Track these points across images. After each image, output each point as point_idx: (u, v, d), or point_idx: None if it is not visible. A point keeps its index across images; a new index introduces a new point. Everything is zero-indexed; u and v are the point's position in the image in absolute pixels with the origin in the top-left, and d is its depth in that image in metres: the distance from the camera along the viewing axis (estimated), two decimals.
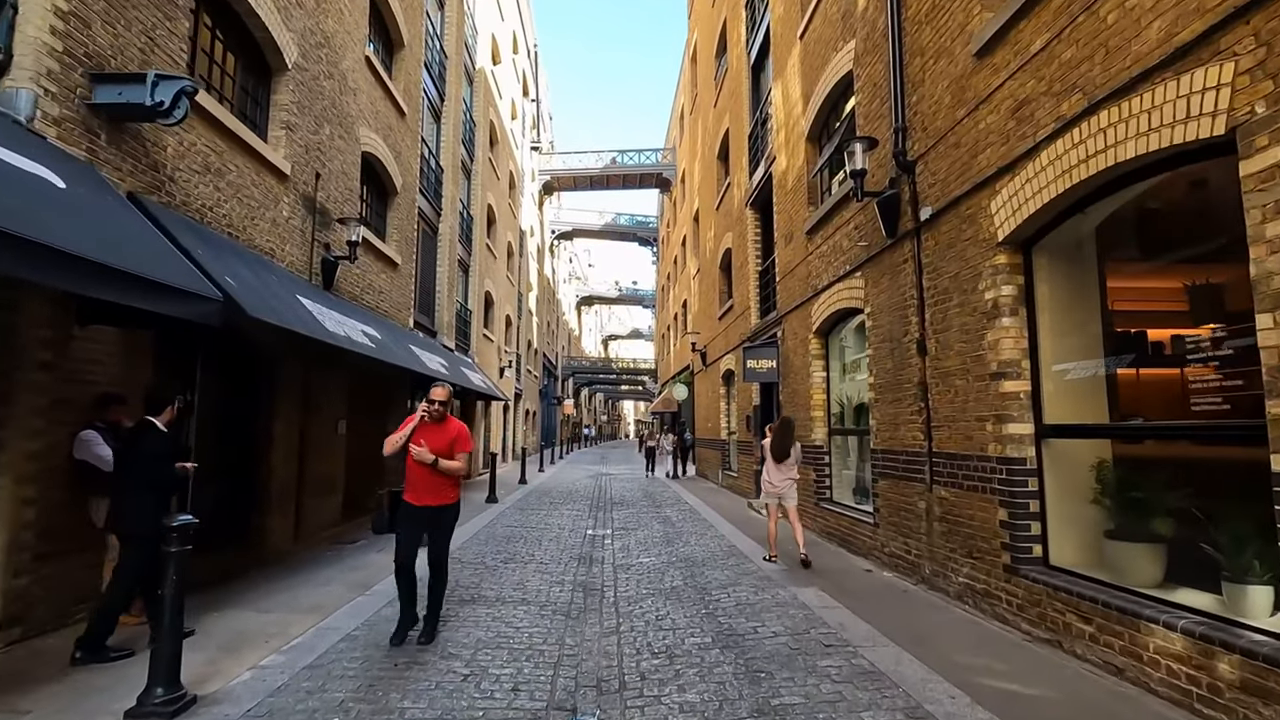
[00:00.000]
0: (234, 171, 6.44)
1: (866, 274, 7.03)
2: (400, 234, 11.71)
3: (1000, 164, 4.64)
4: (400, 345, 9.79)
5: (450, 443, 4.51)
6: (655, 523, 10.08)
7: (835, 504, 8.31)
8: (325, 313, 7.19)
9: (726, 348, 15.05)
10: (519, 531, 9.14)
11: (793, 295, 9.79)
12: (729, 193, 14.85)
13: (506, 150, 23.63)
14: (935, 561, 5.54)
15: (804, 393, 9.18)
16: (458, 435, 4.58)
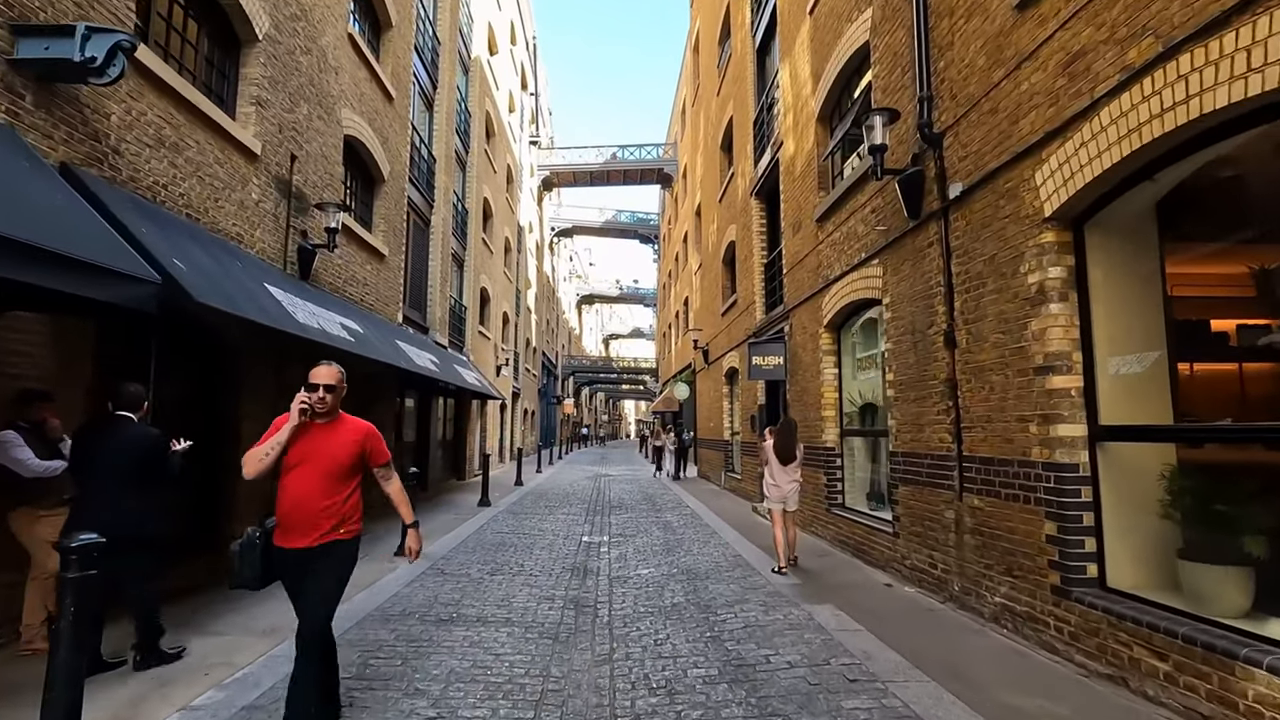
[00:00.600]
0: (193, 147, 5.88)
1: (885, 261, 6.45)
2: (388, 224, 11.15)
3: (1048, 128, 4.07)
4: (385, 340, 9.23)
5: (353, 455, 3.12)
6: (655, 528, 9.52)
7: (848, 510, 7.73)
8: (297, 303, 6.63)
9: (729, 344, 14.48)
10: (510, 538, 8.57)
11: (801, 287, 9.22)
12: (732, 183, 14.28)
13: (504, 143, 23.07)
14: (966, 578, 4.97)
15: (814, 391, 8.61)
16: (365, 440, 3.18)
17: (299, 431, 3.05)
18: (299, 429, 3.04)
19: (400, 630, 4.72)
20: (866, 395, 7.69)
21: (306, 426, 3.08)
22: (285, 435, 3.00)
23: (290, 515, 3.02)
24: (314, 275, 8.23)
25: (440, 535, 8.67)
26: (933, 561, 5.48)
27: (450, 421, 17.08)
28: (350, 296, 9.46)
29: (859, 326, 7.84)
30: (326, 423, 3.15)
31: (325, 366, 3.16)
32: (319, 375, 3.10)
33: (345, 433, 3.17)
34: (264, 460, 2.99)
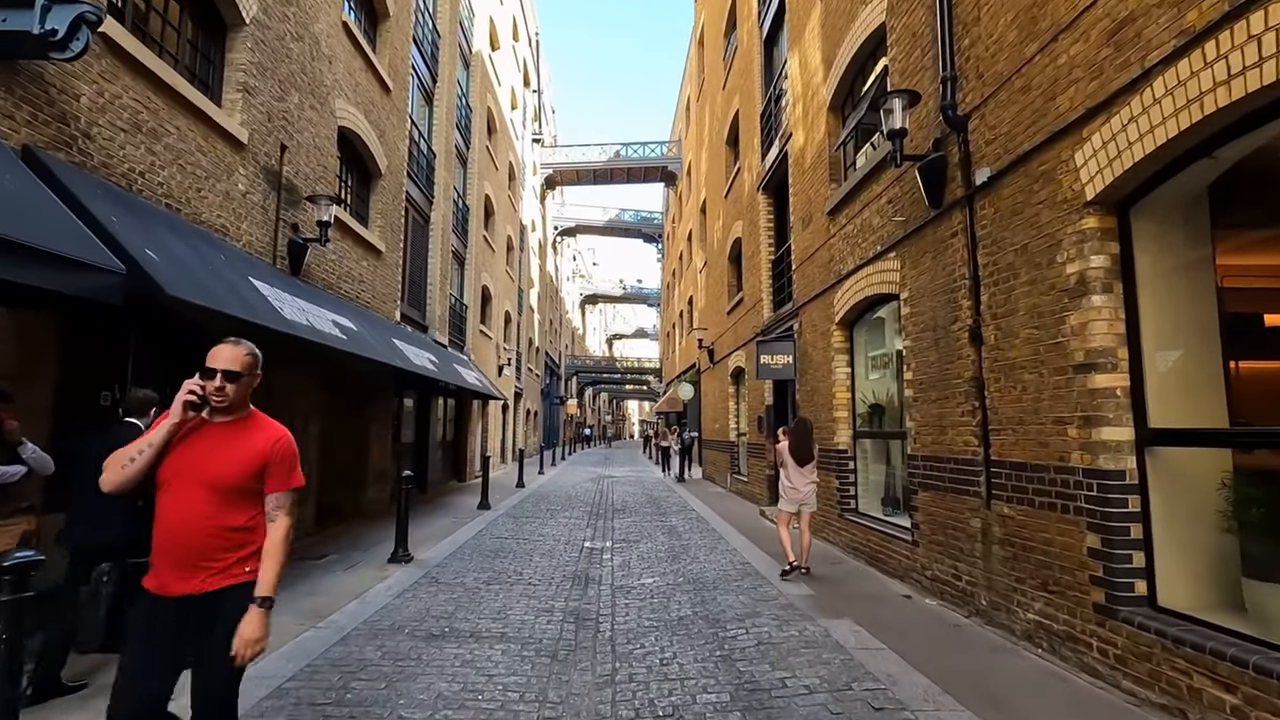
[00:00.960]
0: (174, 134, 5.57)
1: (903, 254, 6.11)
2: (385, 220, 10.84)
3: (1089, 104, 3.73)
4: (381, 338, 8.92)
5: (254, 468, 2.28)
6: (660, 533, 9.19)
7: (862, 516, 7.39)
8: (285, 299, 6.33)
9: (736, 344, 14.14)
10: (509, 544, 8.25)
11: (811, 284, 8.88)
12: (739, 178, 13.94)
13: (506, 140, 22.77)
14: (995, 592, 4.63)
15: (825, 391, 8.27)
16: (271, 452, 2.33)
17: (184, 431, 2.24)
18: (183, 427, 2.22)
19: (387, 647, 4.40)
20: (881, 396, 7.35)
21: (197, 425, 2.27)
22: (161, 435, 2.18)
23: (166, 548, 2.18)
24: (306, 271, 7.93)
25: (437, 540, 8.36)
26: (956, 573, 5.14)
27: (450, 422, 16.79)
28: (345, 293, 9.15)
29: (873, 323, 7.50)
30: (227, 421, 2.33)
31: (230, 346, 2.34)
32: (218, 357, 2.28)
33: (251, 438, 2.33)
34: (128, 468, 2.16)
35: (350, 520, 9.77)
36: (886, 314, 7.10)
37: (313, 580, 6.20)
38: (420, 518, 10.35)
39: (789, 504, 6.50)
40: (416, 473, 13.74)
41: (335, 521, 9.47)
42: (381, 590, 5.87)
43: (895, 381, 6.92)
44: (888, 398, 7.17)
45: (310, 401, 8.44)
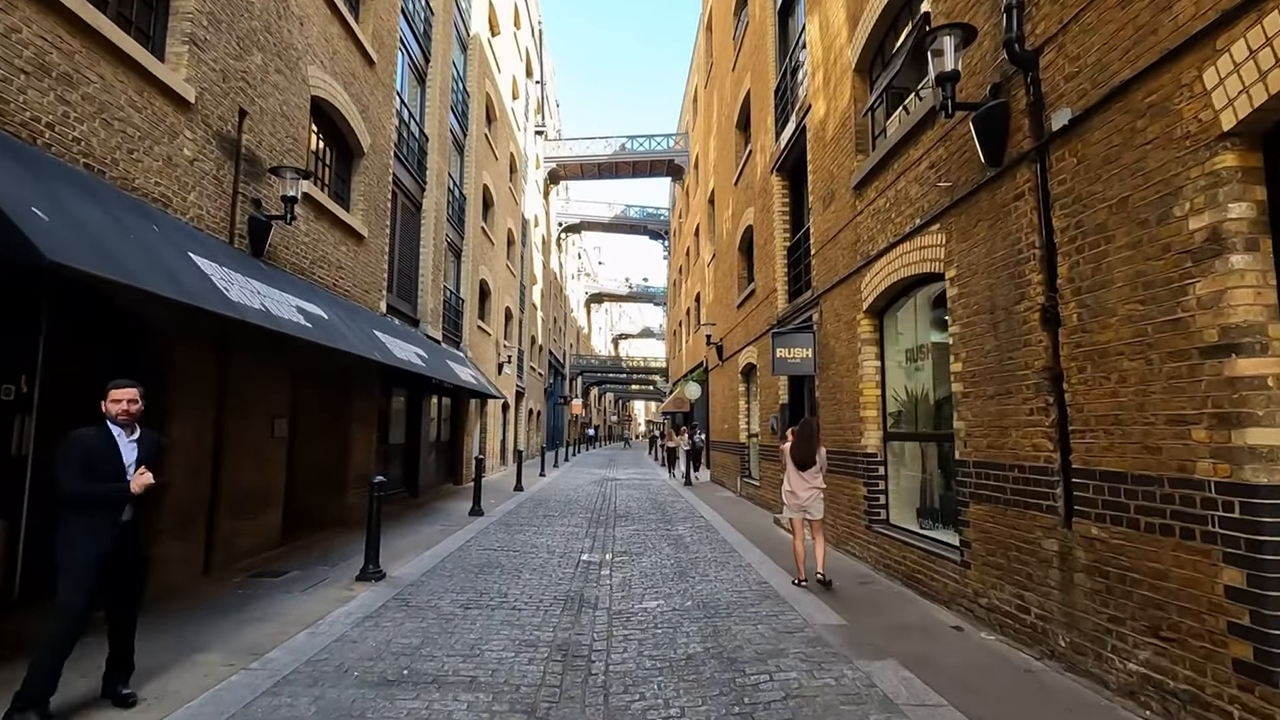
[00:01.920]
0: (96, 83, 4.76)
1: (949, 225, 5.23)
2: (368, 203, 10.03)
3: (1227, 4, 2.85)
4: (359, 329, 8.11)
5: None
6: (665, 544, 8.32)
7: (894, 529, 6.51)
8: (237, 280, 5.50)
9: (747, 339, 13.26)
10: (497, 557, 7.41)
11: (834, 269, 8.00)
12: (750, 162, 13.06)
13: (506, 130, 21.97)
14: (1079, 632, 3.74)
15: (850, 387, 7.39)
16: None
17: None
18: None
19: (327, 698, 3.56)
20: (917, 391, 6.46)
21: None
22: None
23: None
24: (271, 253, 7.12)
25: (418, 553, 7.52)
26: (1023, 604, 4.25)
27: (446, 422, 15.98)
28: (320, 280, 8.33)
29: (909, 310, 6.61)
30: None
31: None
32: None
33: None
34: None
35: (328, 529, 8.95)
36: (925, 298, 6.22)
37: (262, 603, 5.37)
38: (405, 525, 9.52)
39: (790, 510, 6.14)
40: (407, 476, 12.95)
41: (310, 530, 8.66)
42: (339, 617, 5.02)
43: (936, 375, 6.04)
44: (925, 394, 6.29)
45: (279, 398, 7.62)
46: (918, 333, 6.48)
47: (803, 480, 6.04)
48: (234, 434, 6.61)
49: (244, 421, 6.82)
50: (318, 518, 9.22)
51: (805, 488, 6.03)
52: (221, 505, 6.39)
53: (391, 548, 7.76)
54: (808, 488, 6.03)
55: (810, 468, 6.02)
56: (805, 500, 6.03)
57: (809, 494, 6.03)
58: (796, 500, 6.05)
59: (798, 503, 6.05)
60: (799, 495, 6.04)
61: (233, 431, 6.59)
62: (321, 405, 9.50)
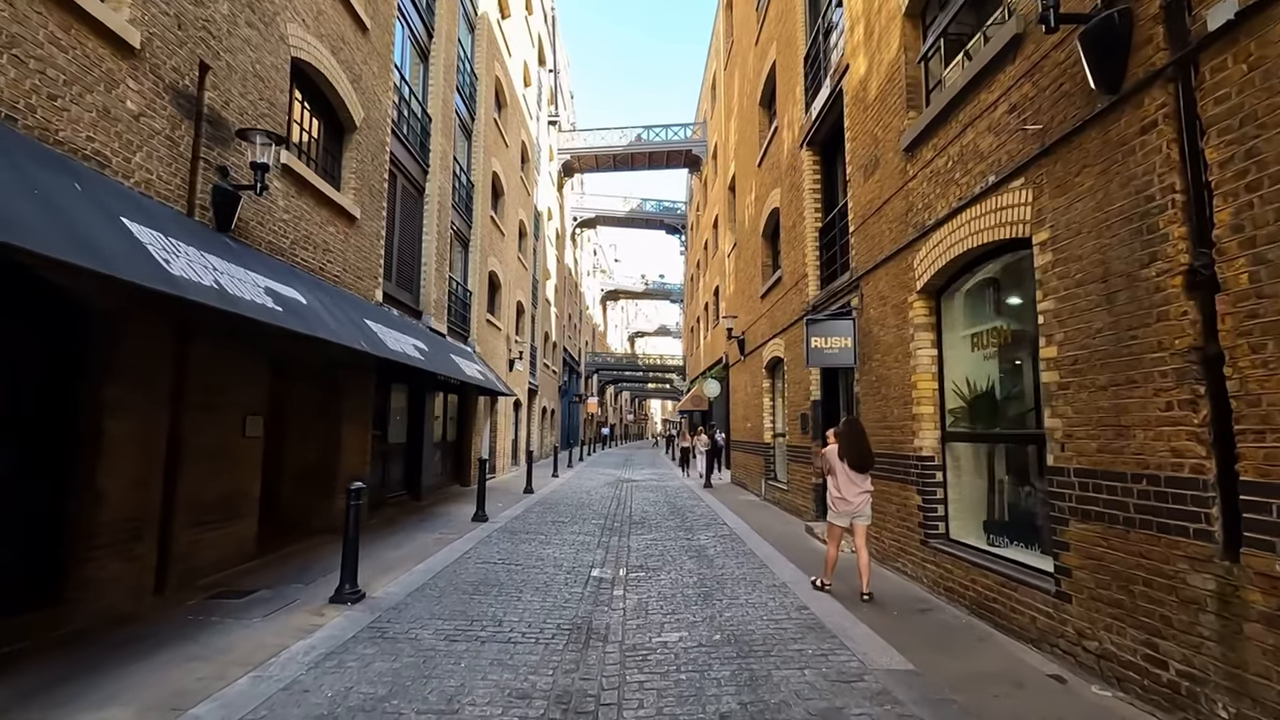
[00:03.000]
0: (3, 11, 3.95)
1: (1040, 178, 4.26)
2: (362, 182, 9.22)
3: None
4: (344, 317, 7.28)
5: None
6: (686, 558, 7.41)
7: (957, 545, 5.54)
8: (187, 253, 4.68)
9: (772, 331, 12.29)
10: (497, 572, 6.55)
11: (878, 246, 7.03)
12: (775, 140, 12.09)
13: (518, 117, 21.15)
14: (1252, 699, 2.78)
15: (899, 380, 6.42)
16: None
17: None
18: None
19: None
20: (986, 384, 5.48)
21: None
22: None
23: None
24: (242, 229, 6.31)
25: (408, 566, 6.69)
26: (1156, 655, 3.29)
27: (453, 420, 15.20)
28: (304, 263, 7.53)
29: (975, 287, 5.63)
30: None
31: None
32: None
33: None
34: None
35: (315, 536, 8.16)
36: (1000, 271, 5.24)
37: (211, 633, 4.53)
38: (401, 533, 8.70)
39: (839, 517, 5.66)
40: (409, 478, 12.17)
41: (297, 538, 7.86)
42: (297, 654, 4.17)
43: (1012, 364, 5.06)
44: (996, 386, 5.31)
45: (254, 392, 6.81)
46: (987, 315, 5.50)
47: (854, 484, 5.59)
48: (196, 432, 5.80)
49: (209, 418, 6.01)
50: (306, 524, 8.44)
51: (857, 492, 5.58)
52: (179, 514, 5.59)
53: (380, 560, 6.94)
54: (859, 492, 5.59)
55: (867, 469, 5.61)
56: (857, 505, 5.59)
57: (861, 498, 5.60)
58: (849, 506, 5.58)
59: (850, 509, 5.58)
60: (851, 501, 5.58)
61: (194, 429, 5.78)
62: (311, 401, 8.72)
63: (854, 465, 5.56)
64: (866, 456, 5.60)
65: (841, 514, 5.64)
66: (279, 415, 8.65)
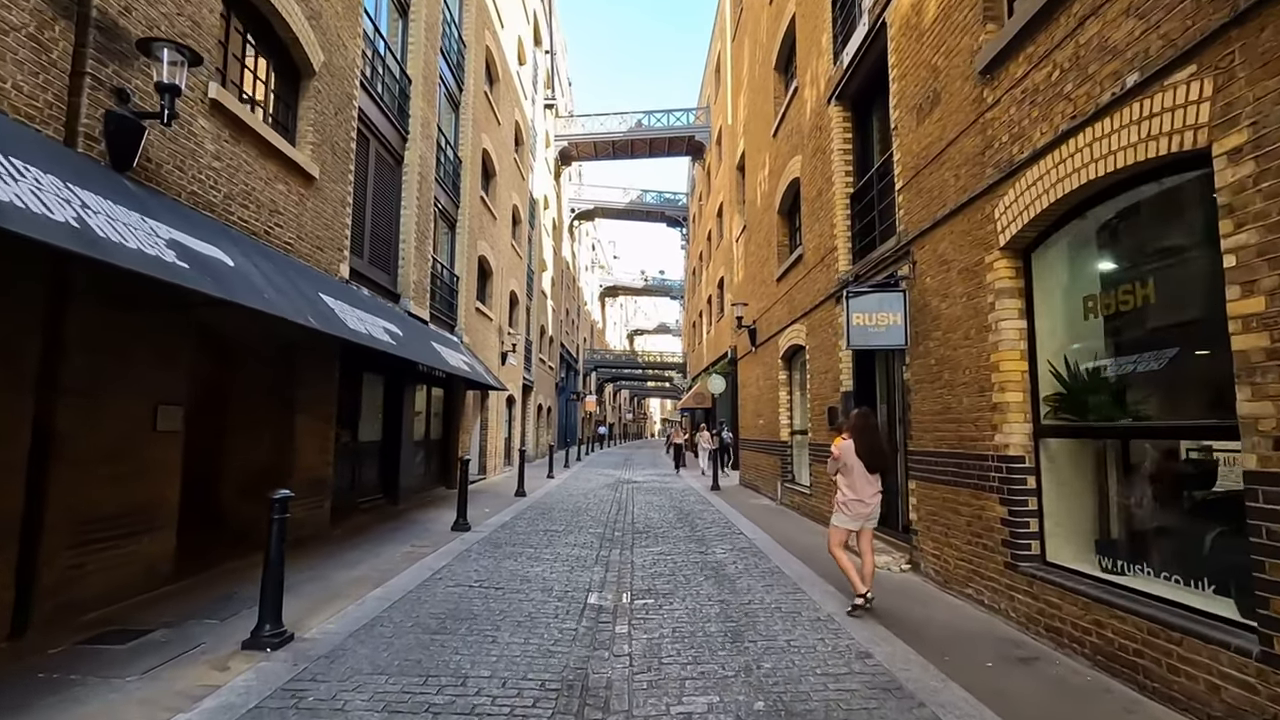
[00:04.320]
0: None
1: (1226, 59, 2.99)
2: (322, 137, 7.94)
3: None
4: (288, 288, 6.01)
5: None
6: (702, 578, 6.15)
7: (1063, 573, 4.27)
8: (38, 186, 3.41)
9: (791, 316, 11.02)
10: (471, 600, 5.28)
11: (939, 199, 5.77)
12: (795, 103, 10.81)
13: (511, 94, 19.86)
14: None
15: (972, 361, 5.16)
16: None
17: None
18: None
19: None
20: (1106, 360, 4.21)
21: None
22: None
23: None
24: (152, 172, 5.04)
25: (361, 592, 5.41)
26: None
27: (437, 417, 13.91)
28: (242, 223, 6.25)
29: (1086, 236, 4.36)
30: None
31: None
32: None
33: None
34: None
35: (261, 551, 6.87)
36: (1135, 208, 3.96)
37: (50, 708, 3.24)
38: (364, 546, 7.42)
39: (850, 520, 5.09)
40: (385, 480, 10.88)
41: (235, 554, 6.58)
42: None
43: (1151, 330, 3.80)
44: (1121, 363, 4.04)
45: (168, 377, 5.52)
46: (1108, 269, 4.23)
47: (870, 485, 5.04)
48: (79, 426, 4.53)
49: (99, 407, 4.73)
50: (252, 537, 7.14)
51: (873, 492, 5.05)
52: (52, 532, 4.30)
53: (326, 584, 5.67)
54: (875, 492, 5.06)
55: (884, 467, 5.10)
56: (872, 509, 5.05)
57: (876, 499, 5.07)
58: (865, 509, 5.03)
59: (865, 511, 5.04)
60: (868, 503, 5.02)
61: (76, 422, 4.50)
62: (261, 390, 7.44)
63: (870, 464, 4.99)
64: (880, 454, 5.08)
65: (855, 517, 5.05)
66: (220, 406, 7.38)
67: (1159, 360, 3.74)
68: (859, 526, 5.09)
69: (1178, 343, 3.64)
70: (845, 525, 5.10)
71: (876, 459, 5.04)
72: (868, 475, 5.01)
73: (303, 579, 5.82)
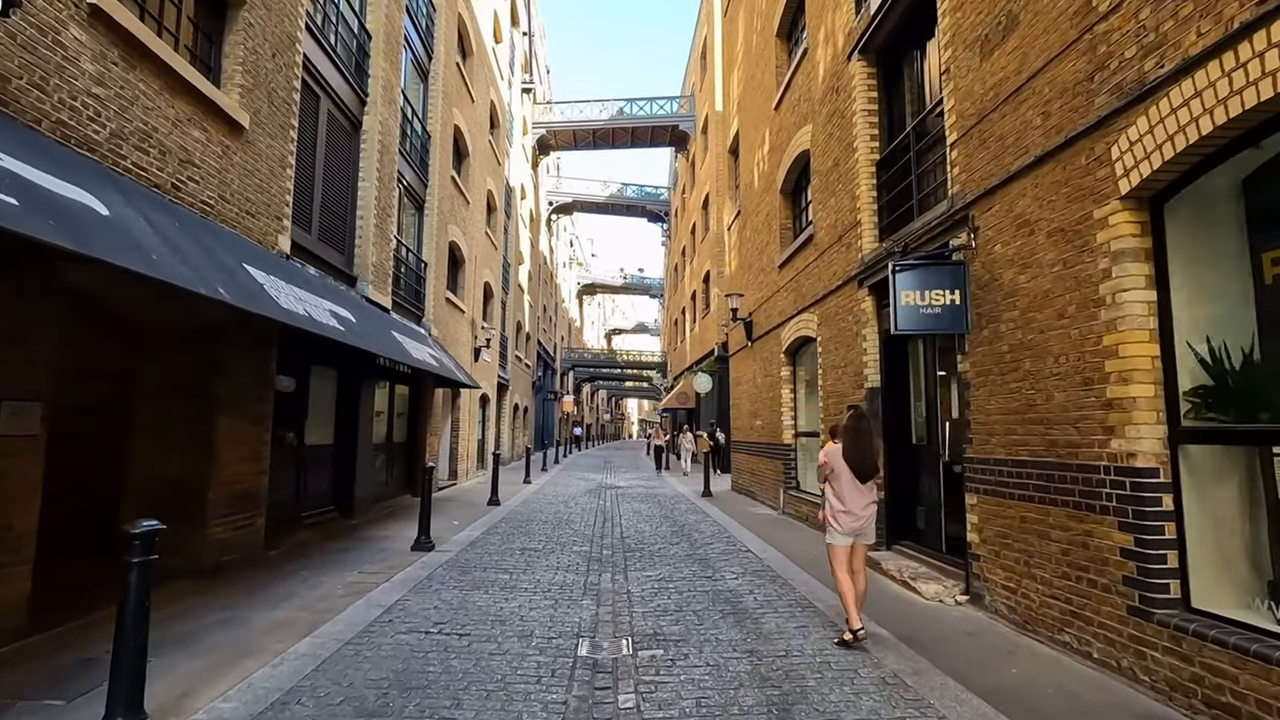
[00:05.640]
0: None
1: None
2: (255, 80, 6.60)
3: None
4: (197, 254, 4.72)
5: None
6: (717, 615, 4.98)
7: (1226, 625, 3.17)
8: None
9: (798, 305, 9.92)
10: (425, 657, 4.03)
11: (1016, 146, 4.67)
12: (805, 67, 9.71)
13: (485, 72, 18.52)
14: None
15: (1074, 347, 4.06)
16: None
17: None
18: None
19: None
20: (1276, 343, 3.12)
21: None
22: None
23: None
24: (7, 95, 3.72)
25: (279, 647, 4.12)
26: None
27: (401, 417, 12.55)
28: (137, 169, 4.93)
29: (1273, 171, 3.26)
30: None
31: None
32: None
33: None
34: None
35: (169, 583, 5.53)
36: None
37: None
38: (300, 574, 6.10)
39: (841, 536, 4.54)
40: (338, 490, 9.51)
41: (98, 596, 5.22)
42: None
43: None
44: None
45: (19, 364, 4.17)
46: None
47: (861, 494, 4.54)
48: None
49: None
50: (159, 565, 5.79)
51: (864, 504, 4.54)
52: None
53: (241, 632, 4.37)
54: (866, 503, 4.55)
55: (873, 476, 4.56)
56: (864, 522, 4.54)
57: (868, 513, 4.55)
58: (855, 523, 4.54)
59: (856, 525, 4.54)
60: (859, 515, 4.53)
61: None
62: (174, 385, 6.09)
63: (858, 472, 4.47)
64: (868, 461, 4.48)
65: (845, 531, 4.50)
66: (120, 405, 6.02)
67: None
68: (849, 543, 4.53)
69: None
70: (837, 542, 4.54)
71: (865, 467, 4.47)
72: (858, 484, 4.50)
73: (210, 624, 4.52)
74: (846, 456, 4.52)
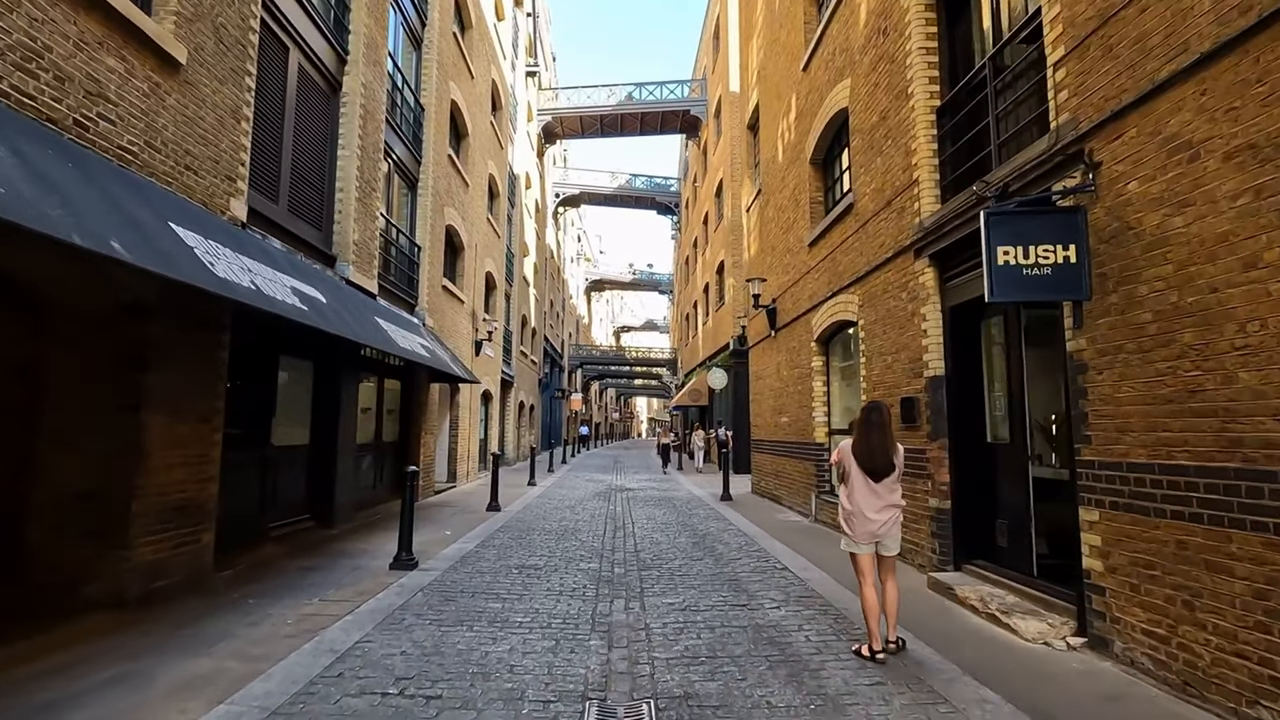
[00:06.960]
0: None
1: None
2: (197, 11, 5.52)
3: None
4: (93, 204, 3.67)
5: None
6: (764, 666, 3.84)
7: None
8: None
9: (833, 287, 8.76)
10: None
11: (1165, 45, 3.52)
12: (840, 15, 8.52)
13: (486, 48, 17.44)
14: None
15: (1269, 309, 2.89)
16: None
17: None
18: None
19: None
20: None
21: None
22: None
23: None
24: None
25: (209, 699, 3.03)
26: None
27: (393, 414, 11.48)
28: (21, 97, 3.85)
29: None
30: None
31: None
32: None
33: None
34: None
35: (83, 618, 4.48)
36: None
37: None
38: (248, 603, 5.01)
39: (856, 543, 4.08)
40: (315, 497, 8.41)
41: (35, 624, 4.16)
42: None
43: None
44: None
45: None
46: None
47: (876, 495, 4.04)
48: None
49: None
50: (72, 592, 4.73)
51: (879, 506, 4.03)
52: None
53: (135, 699, 3.27)
54: (882, 506, 4.04)
55: (889, 475, 4.04)
56: (881, 526, 4.02)
57: (884, 514, 4.03)
58: (869, 526, 4.02)
59: (870, 528, 4.03)
60: (873, 518, 4.01)
61: None
62: (96, 376, 5.02)
63: (865, 467, 4.07)
64: (881, 455, 4.05)
65: (860, 537, 4.08)
66: (27, 400, 4.94)
67: None
68: (867, 551, 4.10)
69: None
70: (857, 550, 4.12)
71: (875, 463, 4.03)
72: (870, 484, 4.07)
73: (98, 684, 3.42)
74: (855, 451, 4.15)
